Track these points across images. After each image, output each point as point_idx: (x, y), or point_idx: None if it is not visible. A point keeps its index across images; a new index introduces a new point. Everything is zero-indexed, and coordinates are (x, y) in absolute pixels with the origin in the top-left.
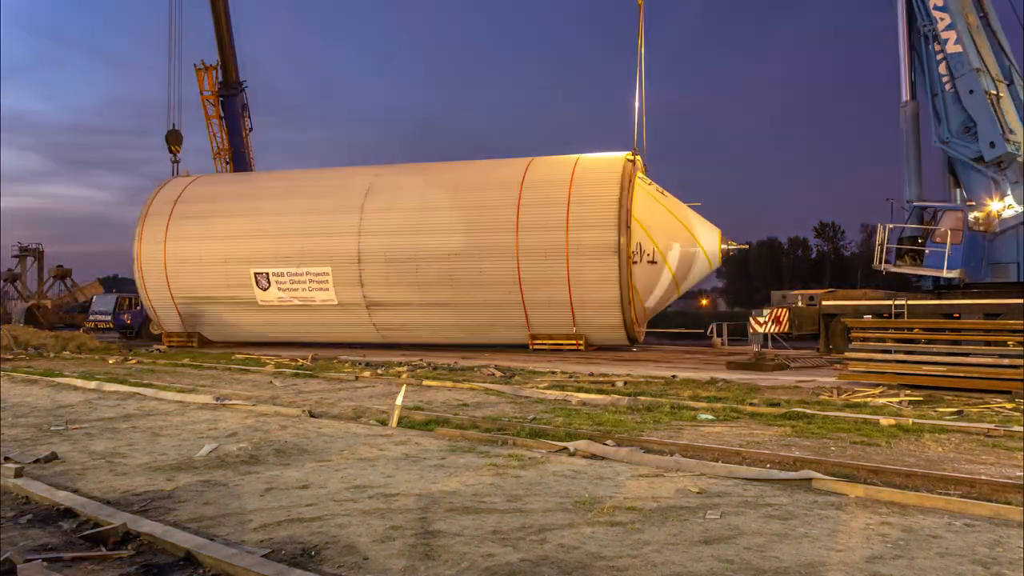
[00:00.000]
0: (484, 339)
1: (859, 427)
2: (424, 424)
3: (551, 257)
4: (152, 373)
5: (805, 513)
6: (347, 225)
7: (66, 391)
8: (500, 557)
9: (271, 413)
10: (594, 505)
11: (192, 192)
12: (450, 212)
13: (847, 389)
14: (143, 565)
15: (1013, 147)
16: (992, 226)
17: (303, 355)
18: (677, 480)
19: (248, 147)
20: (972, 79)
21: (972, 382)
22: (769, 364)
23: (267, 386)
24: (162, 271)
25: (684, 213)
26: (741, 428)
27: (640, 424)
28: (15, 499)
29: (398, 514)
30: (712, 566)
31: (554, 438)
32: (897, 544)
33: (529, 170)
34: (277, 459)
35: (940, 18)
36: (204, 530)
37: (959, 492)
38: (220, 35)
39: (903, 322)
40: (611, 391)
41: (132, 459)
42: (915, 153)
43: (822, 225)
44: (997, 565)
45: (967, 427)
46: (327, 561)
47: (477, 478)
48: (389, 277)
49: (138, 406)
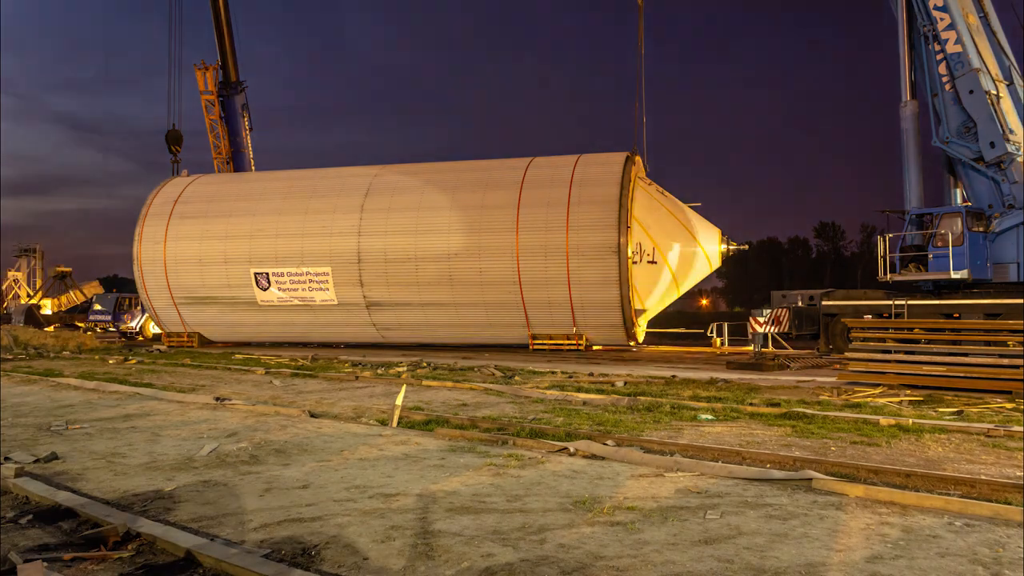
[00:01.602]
0: (484, 339)
1: (859, 427)
2: (424, 424)
3: (551, 257)
4: (152, 373)
5: (805, 513)
6: (347, 225)
7: (66, 391)
8: (500, 557)
9: (271, 413)
10: (594, 505)
11: (192, 192)
12: (450, 212)
13: (847, 389)
14: (143, 565)
15: (1013, 147)
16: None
17: (303, 355)
18: (677, 480)
19: (248, 147)
20: (972, 79)
21: (972, 382)
22: (769, 364)
23: (267, 386)
24: (162, 271)
25: (684, 213)
26: (741, 428)
27: (640, 424)
28: (15, 499)
29: (398, 514)
30: (712, 566)
31: (554, 438)
32: (897, 544)
33: (529, 170)
34: (277, 459)
35: (940, 18)
36: (204, 530)
37: (959, 492)
38: (220, 34)
39: (903, 322)
40: (611, 391)
41: (132, 459)
42: (915, 153)
43: (822, 225)
44: (997, 565)
45: (967, 427)
46: (327, 561)
47: (477, 478)
48: (389, 277)
49: (138, 406)
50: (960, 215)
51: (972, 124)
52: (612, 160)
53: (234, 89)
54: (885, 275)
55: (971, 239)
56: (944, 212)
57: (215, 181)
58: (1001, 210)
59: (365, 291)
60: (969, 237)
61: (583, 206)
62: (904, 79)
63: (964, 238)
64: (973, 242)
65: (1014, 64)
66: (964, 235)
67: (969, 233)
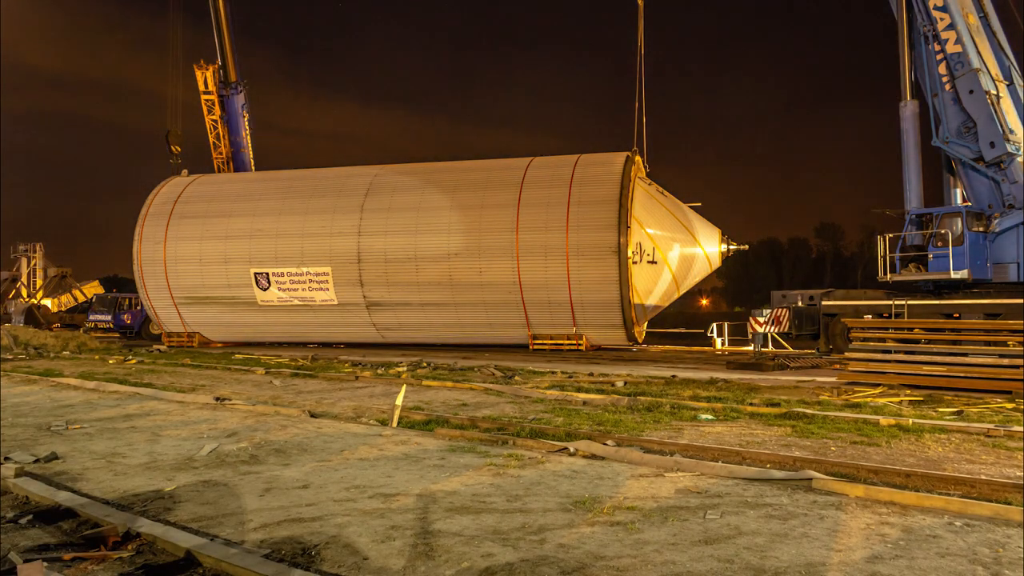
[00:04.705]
0: (484, 339)
1: (859, 427)
2: (424, 424)
3: (551, 257)
4: (152, 373)
5: (805, 513)
6: (347, 225)
7: (66, 391)
8: (499, 557)
9: (271, 413)
10: (594, 505)
11: (192, 192)
12: (450, 212)
13: (847, 389)
14: (143, 565)
15: (1013, 147)
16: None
17: (303, 355)
18: (677, 480)
19: (248, 147)
20: (972, 79)
21: (972, 382)
22: (769, 364)
23: (267, 386)
24: (162, 271)
25: (684, 213)
26: (741, 428)
27: (640, 424)
28: (15, 499)
29: (398, 514)
30: (712, 566)
31: (554, 438)
32: (897, 544)
33: (529, 170)
34: (277, 459)
35: (940, 18)
36: (204, 530)
37: (959, 492)
38: (220, 34)
39: (903, 322)
40: (611, 391)
41: (132, 459)
42: (915, 153)
43: (822, 225)
44: (997, 565)
45: (967, 427)
46: (327, 561)
47: (477, 478)
48: (389, 277)
49: (138, 406)
50: (960, 215)
51: (972, 124)
52: (612, 160)
53: (234, 89)
54: (885, 275)
55: (971, 239)
56: (944, 212)
57: (215, 181)
58: (1001, 210)
59: (365, 291)
60: (969, 237)
61: (583, 206)
62: (904, 79)
63: (964, 238)
64: (973, 242)
65: (1014, 64)
66: (964, 235)
67: (969, 233)
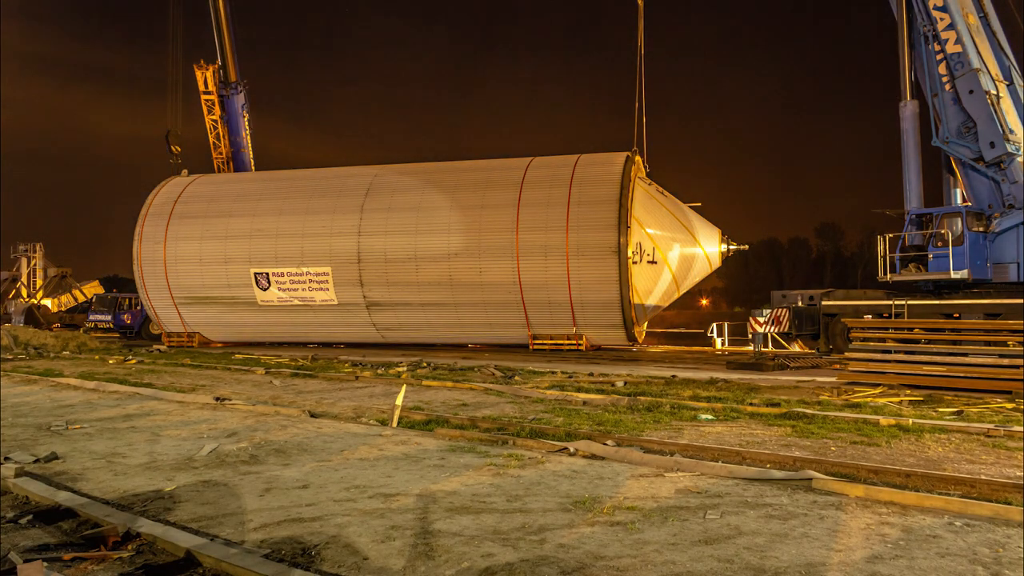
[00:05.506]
0: (484, 339)
1: (859, 427)
2: (424, 424)
3: (551, 257)
4: (152, 373)
5: (805, 513)
6: (347, 225)
7: (66, 391)
8: (499, 557)
9: (271, 413)
10: (594, 505)
11: (192, 192)
12: (450, 212)
13: (847, 389)
14: (143, 565)
15: (1013, 147)
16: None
17: (303, 355)
18: (677, 480)
19: (248, 147)
20: (972, 79)
21: (972, 382)
22: (769, 364)
23: (267, 386)
24: (162, 271)
25: (684, 213)
26: (741, 428)
27: (640, 424)
28: (15, 499)
29: (398, 514)
30: (712, 566)
31: (554, 438)
32: (897, 544)
33: (529, 170)
34: (277, 459)
35: (940, 18)
36: (204, 530)
37: (959, 492)
38: (220, 34)
39: (903, 322)
40: (611, 391)
41: (132, 459)
42: (915, 153)
43: (822, 225)
44: (997, 565)
45: (967, 427)
46: (327, 561)
47: (477, 478)
48: (389, 277)
49: (138, 406)
50: (960, 215)
51: (972, 124)
52: (612, 160)
53: (234, 89)
54: (885, 275)
55: (971, 239)
56: (944, 212)
57: (215, 181)
58: (1001, 210)
59: (365, 291)
60: (969, 237)
61: (583, 206)
62: (904, 79)
63: (964, 238)
64: (973, 242)
65: (1014, 64)
66: (964, 235)
67: (969, 233)
